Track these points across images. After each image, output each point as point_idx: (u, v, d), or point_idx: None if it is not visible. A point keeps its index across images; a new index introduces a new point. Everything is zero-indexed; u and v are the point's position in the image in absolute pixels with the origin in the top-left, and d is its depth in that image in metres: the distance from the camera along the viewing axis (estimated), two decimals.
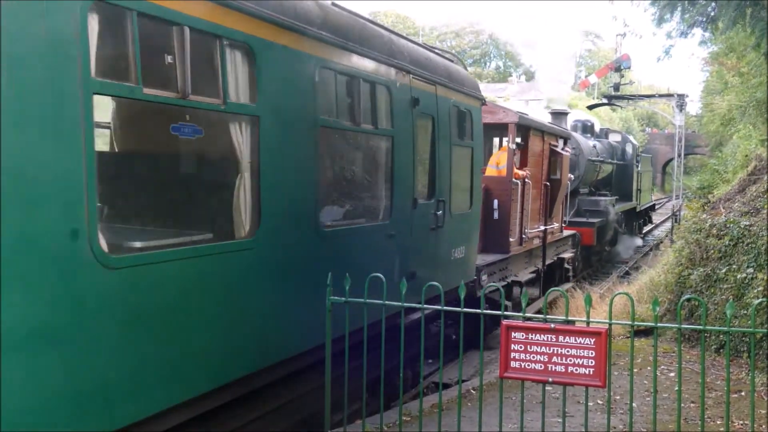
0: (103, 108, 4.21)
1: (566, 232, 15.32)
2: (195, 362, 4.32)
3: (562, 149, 14.33)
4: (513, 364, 4.49)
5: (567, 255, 14.87)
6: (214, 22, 4.39)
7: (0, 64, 3.09)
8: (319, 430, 5.55)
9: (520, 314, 4.60)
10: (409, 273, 6.92)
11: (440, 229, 7.81)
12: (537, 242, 12.96)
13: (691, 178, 36.91)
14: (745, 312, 7.86)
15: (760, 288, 8.17)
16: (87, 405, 3.59)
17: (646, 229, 26.66)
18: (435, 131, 7.61)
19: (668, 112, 34.73)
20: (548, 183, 13.45)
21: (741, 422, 6.31)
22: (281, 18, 4.98)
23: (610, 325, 4.52)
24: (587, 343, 4.35)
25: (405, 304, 4.85)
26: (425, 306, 4.90)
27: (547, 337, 4.42)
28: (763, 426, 6.06)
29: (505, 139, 11.99)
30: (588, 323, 4.49)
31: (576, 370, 4.38)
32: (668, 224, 28.84)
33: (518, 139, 11.46)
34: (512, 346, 4.49)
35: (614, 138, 22.11)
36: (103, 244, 3.67)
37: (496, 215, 10.97)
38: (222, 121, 4.72)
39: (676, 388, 4.70)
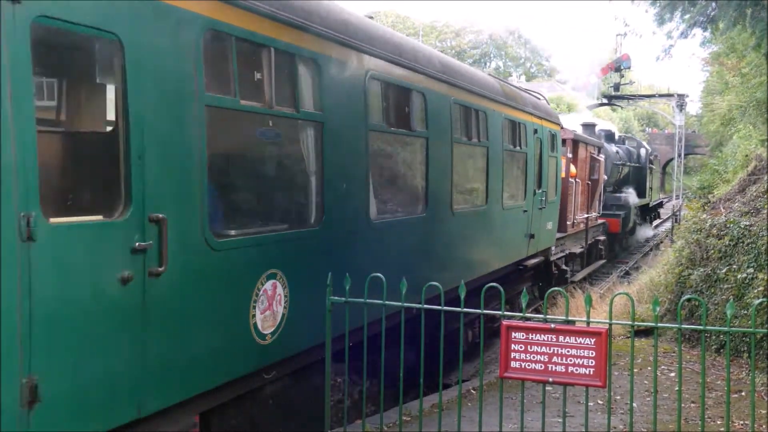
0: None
1: (599, 221, 19.83)
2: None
3: (598, 155, 18.87)
4: (513, 364, 4.49)
5: (601, 238, 19.86)
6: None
7: None
8: (319, 430, 5.55)
9: (520, 314, 4.61)
10: (530, 234, 11.48)
11: (543, 210, 12.16)
12: (582, 227, 17.10)
13: (691, 178, 36.92)
14: (746, 312, 7.86)
15: (761, 288, 8.17)
16: None
17: (656, 222, 31.92)
18: (542, 148, 12.02)
19: (668, 112, 34.71)
20: (589, 182, 17.87)
21: (741, 422, 6.32)
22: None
23: (611, 325, 4.52)
24: (587, 343, 4.35)
25: (405, 304, 4.85)
26: (425, 306, 4.90)
27: (548, 337, 4.42)
28: (763, 426, 6.06)
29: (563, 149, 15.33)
30: (588, 323, 4.49)
31: (576, 370, 4.38)
32: (668, 223, 28.97)
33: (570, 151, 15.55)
34: (512, 346, 4.49)
35: (630, 144, 26.64)
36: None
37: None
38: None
39: (677, 388, 4.70)
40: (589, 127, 20.92)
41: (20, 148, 3.07)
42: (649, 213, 28.80)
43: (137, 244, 3.71)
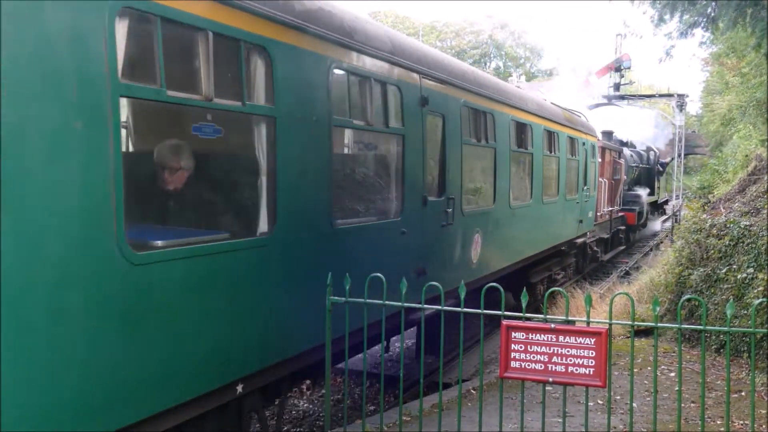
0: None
1: (620, 214, 23.40)
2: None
3: (619, 159, 22.79)
4: (513, 364, 4.49)
5: (621, 227, 23.53)
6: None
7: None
8: (319, 430, 5.56)
9: (520, 314, 4.61)
10: (578, 220, 14.98)
11: (587, 202, 16.02)
12: (607, 218, 20.57)
13: (691, 178, 36.93)
14: (746, 312, 7.86)
15: (761, 288, 8.17)
16: None
17: (663, 218, 35.21)
18: (587, 156, 15.69)
19: (668, 112, 34.71)
20: (613, 181, 21.64)
21: (741, 422, 6.31)
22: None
23: (611, 325, 4.52)
24: (587, 343, 4.35)
25: (405, 304, 4.85)
26: (425, 306, 4.90)
27: (548, 337, 4.42)
28: (763, 426, 6.05)
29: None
30: (588, 323, 4.49)
31: (576, 370, 4.38)
32: (668, 223, 29.26)
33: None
34: (512, 346, 4.49)
35: (641, 147, 30.21)
36: None
37: None
38: None
39: (677, 388, 4.70)
40: (607, 134, 23.52)
41: None
42: (657, 209, 32.37)
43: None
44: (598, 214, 18.42)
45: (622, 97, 31.45)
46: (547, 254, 12.96)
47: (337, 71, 5.70)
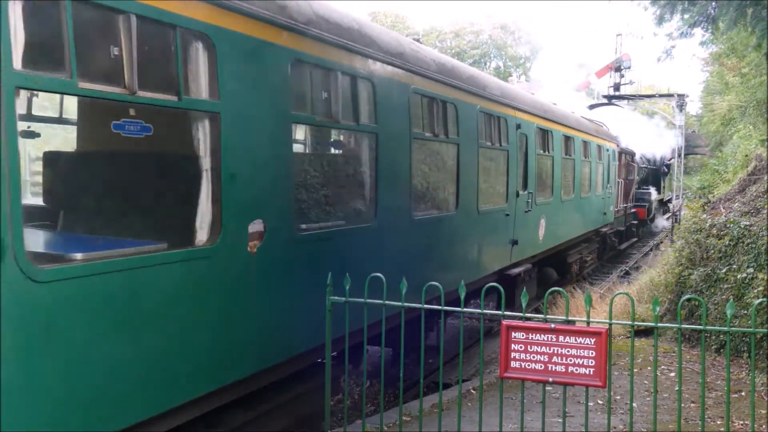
0: None
1: (632, 210, 26.29)
2: None
3: (632, 162, 25.81)
4: (513, 364, 4.49)
5: (634, 222, 26.51)
6: None
7: None
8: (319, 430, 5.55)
9: (520, 314, 4.60)
10: (603, 213, 17.97)
11: (609, 197, 19.02)
12: (622, 213, 22.95)
13: (691, 178, 36.97)
14: (746, 312, 7.86)
15: (761, 288, 8.17)
16: None
17: (668, 215, 37.10)
18: (609, 159, 18.70)
19: (668, 112, 34.69)
20: (627, 181, 24.24)
21: (741, 422, 6.31)
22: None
23: (610, 325, 4.52)
24: (587, 343, 4.35)
25: (405, 304, 4.84)
26: (425, 306, 4.89)
27: (547, 337, 4.41)
28: (763, 426, 6.05)
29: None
30: (588, 323, 4.49)
31: (576, 370, 4.38)
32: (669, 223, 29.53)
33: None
34: (512, 346, 4.48)
35: (648, 151, 32.96)
36: None
37: None
38: None
39: (677, 388, 4.70)
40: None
41: None
42: (663, 206, 34.74)
43: None
44: (616, 209, 20.97)
45: (622, 97, 31.42)
46: (581, 239, 16.51)
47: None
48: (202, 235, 4.39)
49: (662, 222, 33.06)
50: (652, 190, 29.97)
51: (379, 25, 7.77)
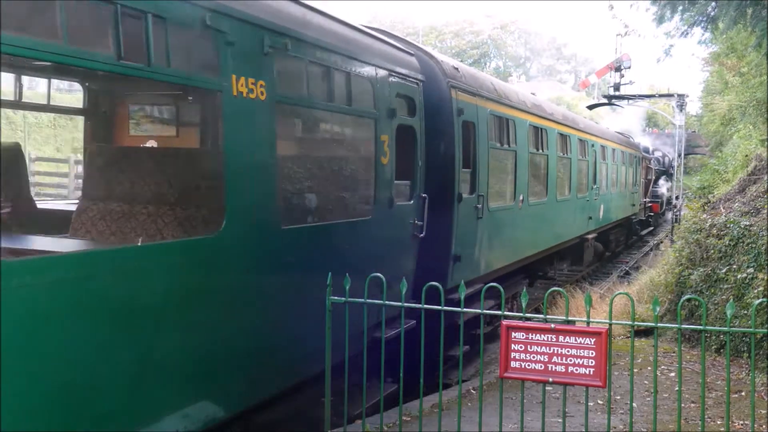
0: None
1: (649, 204, 30.80)
2: None
3: (649, 164, 31.14)
4: (513, 364, 4.49)
5: (651, 214, 31.43)
6: None
7: None
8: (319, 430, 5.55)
9: (520, 314, 4.60)
10: (632, 205, 23.87)
11: (635, 194, 24.84)
12: (641, 206, 27.64)
13: (691, 178, 37.01)
14: (746, 312, 7.86)
15: (761, 288, 8.17)
16: None
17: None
18: (636, 164, 24.76)
19: (668, 112, 34.70)
20: (646, 180, 29.47)
21: (741, 422, 6.31)
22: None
23: (610, 325, 4.52)
24: (587, 343, 4.35)
25: (405, 304, 4.85)
26: (425, 306, 4.90)
27: (547, 337, 4.42)
28: (763, 426, 6.05)
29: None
30: (588, 323, 4.49)
31: (576, 370, 4.38)
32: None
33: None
34: (512, 346, 4.48)
35: (658, 154, 36.72)
36: None
37: None
38: None
39: (677, 388, 4.70)
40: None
41: None
42: (670, 202, 39.10)
43: None
44: (640, 203, 26.83)
45: (622, 97, 31.42)
46: (618, 223, 21.83)
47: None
48: None
49: (670, 215, 35.81)
50: (664, 189, 34.66)
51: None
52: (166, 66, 4.08)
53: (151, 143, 6.39)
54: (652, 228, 32.22)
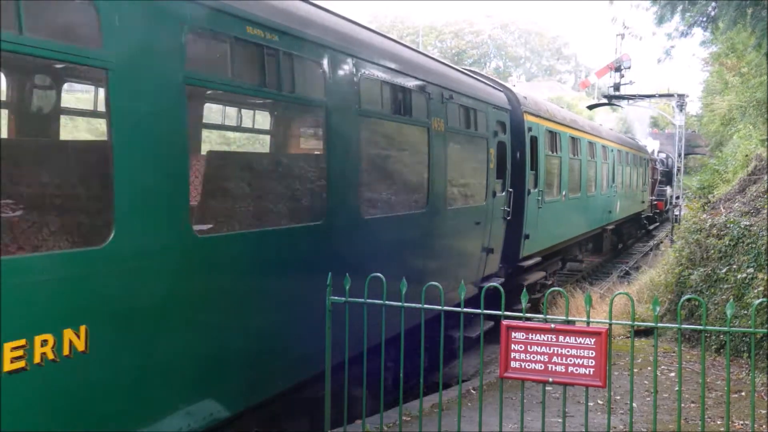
0: None
1: (655, 202, 33.48)
2: None
3: (656, 165, 34.06)
4: (513, 364, 4.49)
5: (657, 211, 33.96)
6: None
7: None
8: (319, 430, 5.55)
9: (520, 314, 4.60)
10: (642, 202, 27.69)
11: (644, 192, 28.55)
12: (649, 204, 30.73)
13: (691, 178, 37.05)
14: (746, 312, 7.86)
15: (761, 288, 8.17)
16: None
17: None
18: (645, 167, 28.65)
19: (668, 112, 34.70)
20: (653, 180, 32.44)
21: (741, 422, 6.31)
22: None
23: (610, 325, 4.52)
24: (587, 343, 4.35)
25: (405, 304, 4.85)
26: (425, 306, 4.90)
27: (547, 337, 4.41)
28: (763, 426, 6.05)
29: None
30: (588, 323, 4.49)
31: (576, 370, 4.38)
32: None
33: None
34: (512, 346, 4.48)
35: (662, 155, 39.47)
36: None
37: None
38: None
39: (676, 388, 4.70)
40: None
41: None
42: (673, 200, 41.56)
43: None
44: (648, 201, 30.37)
45: (622, 97, 31.44)
46: (629, 218, 24.68)
47: None
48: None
49: (673, 212, 37.83)
50: (667, 188, 36.72)
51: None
52: (411, 116, 7.39)
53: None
54: (657, 224, 34.97)
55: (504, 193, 10.54)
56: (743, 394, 7.11)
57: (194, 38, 4.30)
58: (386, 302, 4.86)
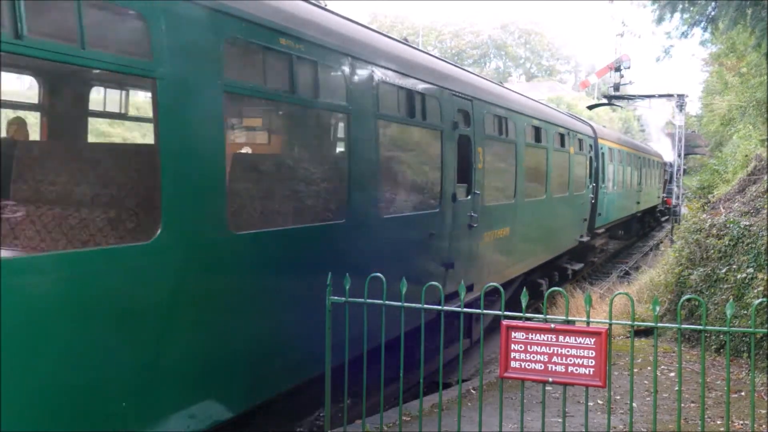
0: None
1: (665, 199, 36.72)
2: None
3: (667, 167, 36.78)
4: (513, 364, 4.49)
5: (666, 207, 35.26)
6: None
7: None
8: (319, 430, 5.55)
9: (521, 314, 4.60)
10: (657, 197, 34.02)
11: (658, 190, 34.47)
12: (660, 200, 34.94)
13: (691, 178, 37.09)
14: (745, 312, 7.86)
15: (760, 288, 8.17)
16: None
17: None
18: (660, 167, 35.06)
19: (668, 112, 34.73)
20: (664, 180, 36.25)
21: (741, 422, 6.31)
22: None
23: (610, 325, 4.52)
24: (587, 343, 4.35)
25: (405, 304, 4.84)
26: (425, 306, 4.90)
27: (547, 337, 4.41)
28: (763, 426, 6.05)
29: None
30: (588, 323, 4.49)
31: (576, 370, 4.37)
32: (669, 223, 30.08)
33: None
34: (512, 346, 4.48)
35: (668, 158, 42.09)
36: None
37: None
38: None
39: (676, 388, 4.70)
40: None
41: None
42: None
43: None
44: (660, 197, 35.00)
45: (622, 97, 31.43)
46: (647, 210, 29.86)
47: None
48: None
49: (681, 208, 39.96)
50: (675, 187, 40.24)
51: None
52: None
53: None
54: (666, 217, 39.57)
55: (591, 187, 16.99)
56: (743, 394, 7.11)
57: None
58: (386, 302, 4.86)
